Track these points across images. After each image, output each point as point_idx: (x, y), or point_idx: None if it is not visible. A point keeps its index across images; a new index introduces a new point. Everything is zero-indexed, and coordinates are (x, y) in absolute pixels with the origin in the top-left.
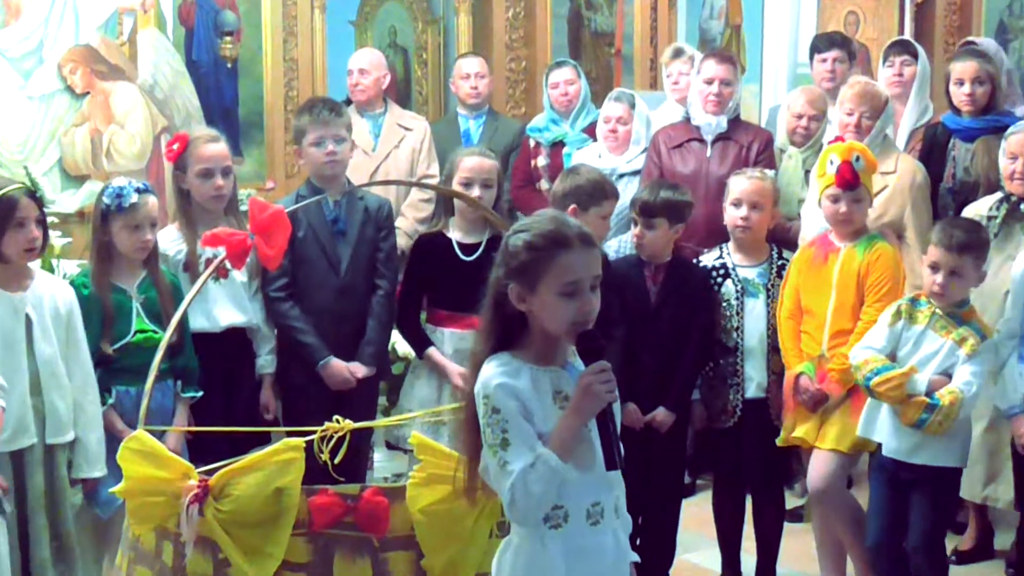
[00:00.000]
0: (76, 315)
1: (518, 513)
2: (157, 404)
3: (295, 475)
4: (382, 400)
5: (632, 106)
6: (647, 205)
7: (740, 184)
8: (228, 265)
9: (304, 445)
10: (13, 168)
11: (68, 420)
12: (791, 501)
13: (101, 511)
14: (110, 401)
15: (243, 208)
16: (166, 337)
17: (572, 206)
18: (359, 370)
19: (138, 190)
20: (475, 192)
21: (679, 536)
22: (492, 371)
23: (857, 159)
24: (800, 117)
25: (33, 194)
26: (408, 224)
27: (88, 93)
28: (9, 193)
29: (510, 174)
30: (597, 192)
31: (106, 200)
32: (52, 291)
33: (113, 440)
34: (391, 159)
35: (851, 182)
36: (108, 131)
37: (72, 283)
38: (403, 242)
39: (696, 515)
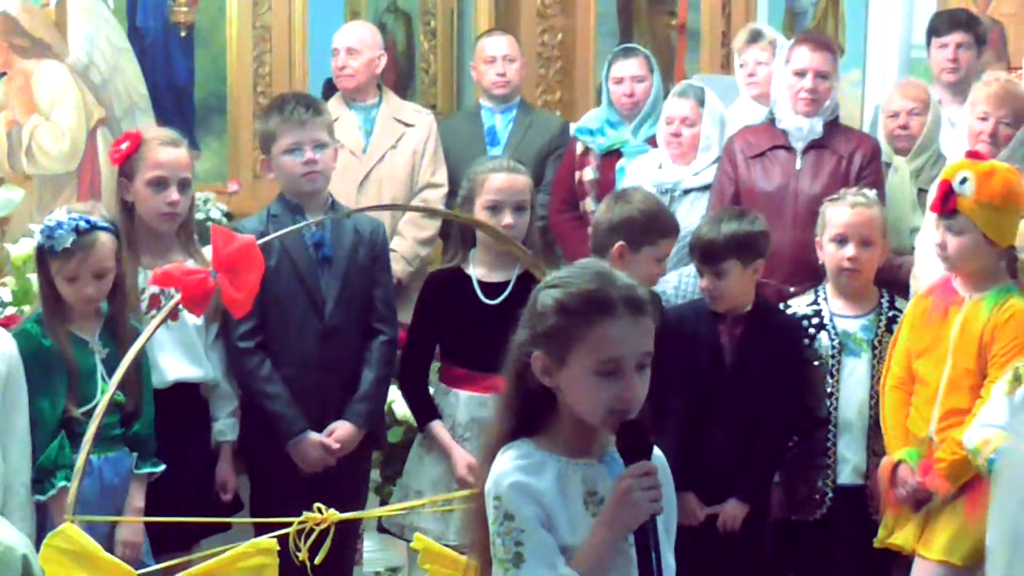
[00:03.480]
0: (17, 372)
1: None
2: (106, 482)
3: None
4: (375, 475)
5: (701, 103)
6: (709, 247)
7: (842, 214)
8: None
9: (277, 547)
10: None
11: None
12: None
13: None
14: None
15: (200, 215)
16: (106, 397)
17: (619, 243)
18: (342, 433)
19: (77, 229)
20: (505, 219)
21: None
22: (507, 465)
23: (963, 181)
24: (895, 115)
25: None
26: (407, 246)
27: (4, 74)
28: None
29: (547, 185)
30: (653, 226)
31: (40, 239)
32: None
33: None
34: (386, 163)
35: (942, 207)
36: (29, 123)
37: (24, 331)
38: (399, 268)
39: None
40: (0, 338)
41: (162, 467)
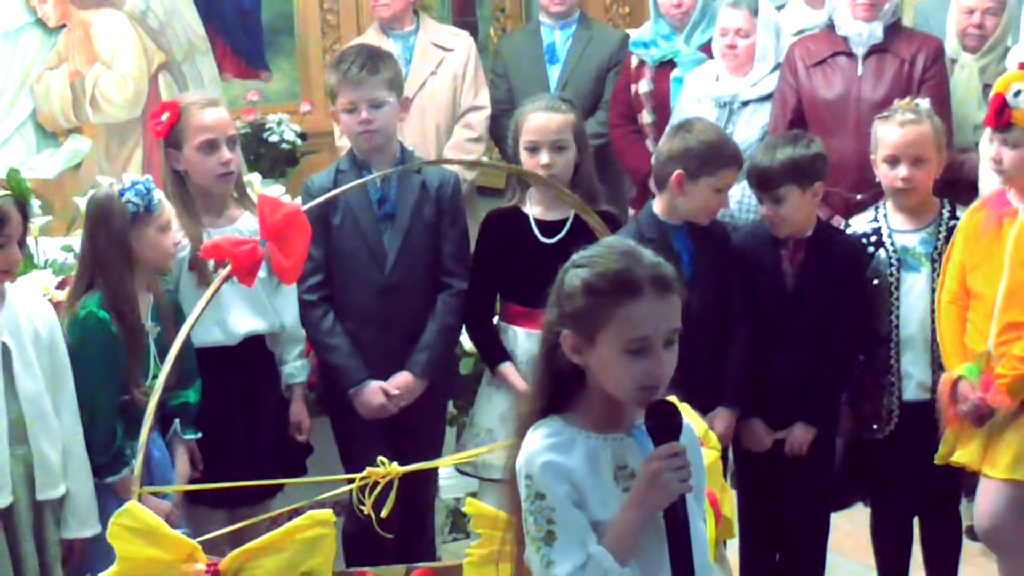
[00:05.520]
0: (59, 339)
1: None
2: (154, 460)
3: (325, 556)
4: (451, 409)
5: (754, 12)
6: (765, 174)
7: (891, 133)
8: None
9: (334, 519)
10: None
11: (59, 471)
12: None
13: None
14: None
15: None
16: (162, 376)
17: (677, 172)
18: (403, 385)
19: (147, 189)
20: (542, 159)
21: (829, 563)
22: (538, 444)
23: (1017, 93)
24: (971, 12)
25: (23, 206)
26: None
27: (64, 26)
28: None
29: (607, 101)
30: (712, 157)
31: (135, 201)
32: (30, 310)
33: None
34: (428, 90)
35: (996, 120)
36: (91, 73)
37: (92, 316)
38: None
39: (851, 534)
40: (41, 306)
41: (199, 434)
